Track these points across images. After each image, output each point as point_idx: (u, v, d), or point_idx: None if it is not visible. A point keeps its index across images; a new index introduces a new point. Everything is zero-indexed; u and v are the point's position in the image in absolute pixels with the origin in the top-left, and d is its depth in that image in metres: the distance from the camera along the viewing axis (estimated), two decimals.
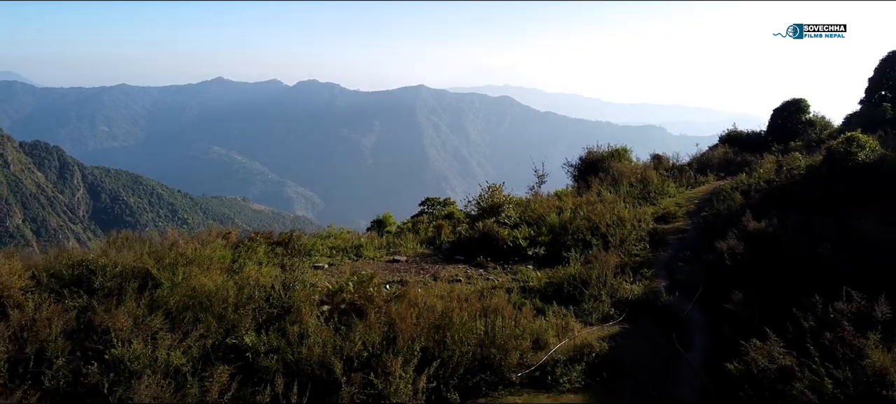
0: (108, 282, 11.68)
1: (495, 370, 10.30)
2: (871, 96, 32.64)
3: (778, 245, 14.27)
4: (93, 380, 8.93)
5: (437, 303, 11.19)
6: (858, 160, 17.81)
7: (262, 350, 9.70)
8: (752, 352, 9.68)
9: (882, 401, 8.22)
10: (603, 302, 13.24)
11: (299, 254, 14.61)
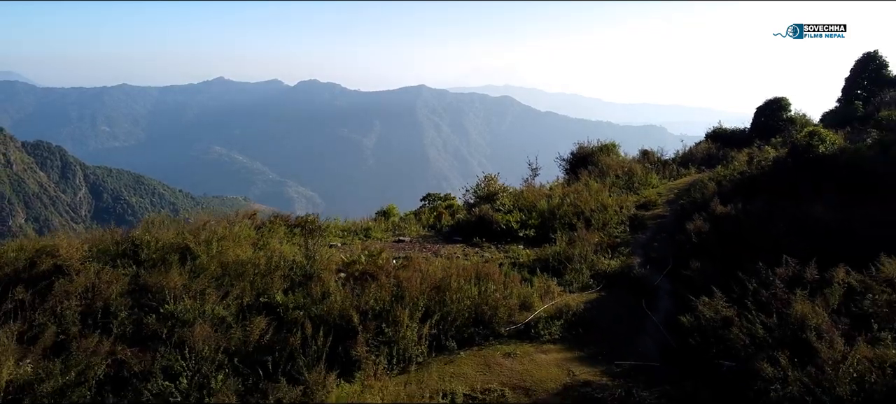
0: (153, 255, 13.57)
1: (487, 325, 12.18)
2: (848, 95, 34.54)
3: (739, 226, 16.15)
4: (152, 328, 10.79)
5: (438, 270, 13.07)
6: (819, 152, 19.67)
7: (291, 306, 11.57)
8: (701, 307, 11.58)
9: (800, 341, 10.09)
10: (583, 273, 15.12)
11: (315, 234, 16.48)
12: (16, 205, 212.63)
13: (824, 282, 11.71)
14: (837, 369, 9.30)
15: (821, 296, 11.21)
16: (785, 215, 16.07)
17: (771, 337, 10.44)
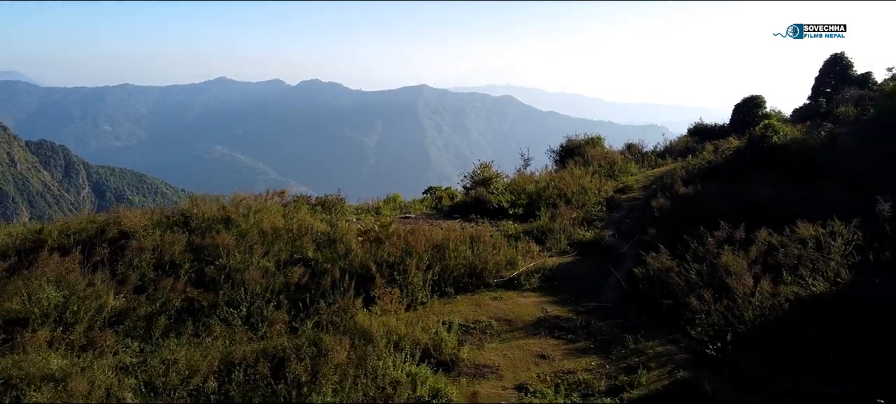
0: (202, 224, 16.42)
1: (479, 277, 15.04)
2: (817, 93, 37.33)
3: (695, 203, 18.98)
4: (212, 275, 13.64)
5: (439, 235, 15.94)
6: (773, 142, 22.49)
7: (321, 260, 14.42)
8: (650, 260, 14.43)
9: (722, 284, 12.93)
10: (561, 241, 17.97)
11: (335, 209, 19.30)
12: (20, 204, 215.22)
13: (749, 242, 14.54)
14: (747, 301, 12.16)
15: (744, 251, 14.05)
16: (734, 194, 18.89)
17: (701, 281, 13.31)
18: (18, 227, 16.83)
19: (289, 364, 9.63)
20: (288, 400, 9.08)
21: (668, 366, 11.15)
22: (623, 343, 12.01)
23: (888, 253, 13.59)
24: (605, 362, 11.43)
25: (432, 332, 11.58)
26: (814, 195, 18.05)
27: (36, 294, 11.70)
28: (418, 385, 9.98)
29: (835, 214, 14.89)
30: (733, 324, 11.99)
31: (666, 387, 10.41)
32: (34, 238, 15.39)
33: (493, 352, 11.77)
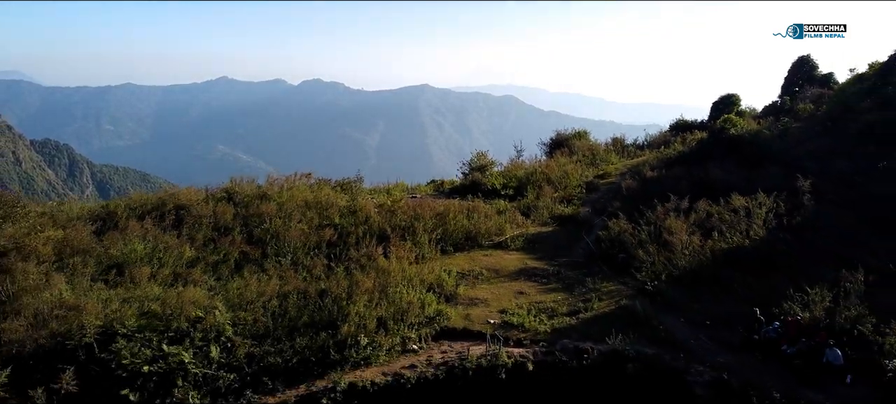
0: (243, 199, 19.85)
1: (473, 240, 18.53)
2: (786, 91, 40.65)
3: (658, 183, 22.40)
4: (259, 235, 17.10)
5: (441, 207, 19.41)
6: (730, 134, 25.90)
7: (346, 224, 17.88)
8: (611, 225, 17.92)
9: (665, 241, 16.39)
10: (544, 215, 21.44)
11: (353, 190, 22.74)
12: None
13: (692, 210, 18.01)
14: (681, 252, 15.66)
15: (686, 217, 17.53)
16: (691, 177, 22.35)
17: (648, 239, 16.81)
18: (94, 203, 20.26)
19: (330, 289, 13.11)
20: (331, 311, 12.55)
21: (615, 298, 14.63)
22: (584, 284, 15.49)
23: (798, 217, 17.07)
24: (569, 296, 14.90)
25: (436, 275, 15.08)
26: (757, 176, 21.43)
27: (128, 245, 15.19)
28: (426, 306, 13.47)
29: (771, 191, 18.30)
30: (669, 269, 15.51)
31: (611, 310, 13.90)
32: (106, 210, 18.86)
33: (483, 290, 15.25)
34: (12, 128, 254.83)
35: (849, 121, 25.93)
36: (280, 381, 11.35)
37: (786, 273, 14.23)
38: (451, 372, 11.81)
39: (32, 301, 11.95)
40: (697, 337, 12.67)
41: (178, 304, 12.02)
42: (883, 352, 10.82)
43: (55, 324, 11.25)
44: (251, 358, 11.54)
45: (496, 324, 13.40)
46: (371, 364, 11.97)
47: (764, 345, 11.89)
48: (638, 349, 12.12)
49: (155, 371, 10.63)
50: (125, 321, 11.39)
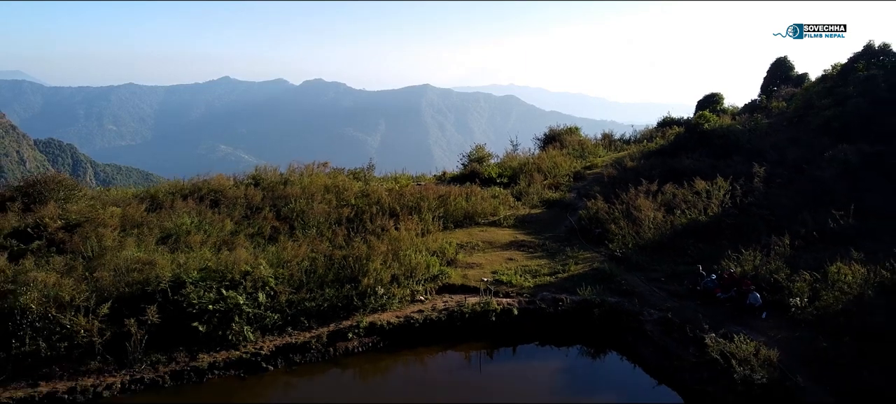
0: (269, 184, 22.65)
1: (472, 218, 21.34)
2: (764, 90, 43.37)
3: (636, 172, 25.20)
4: (286, 213, 19.87)
5: (443, 190, 22.22)
6: (704, 128, 28.68)
7: (361, 204, 20.69)
8: (590, 205, 20.72)
9: (635, 217, 19.19)
10: (534, 199, 24.23)
11: (365, 177, 25.55)
12: None
13: (660, 192, 20.81)
14: (647, 226, 18.46)
15: (653, 197, 20.34)
16: (664, 165, 25.17)
17: (620, 216, 19.60)
18: (140, 188, 23.06)
19: (351, 253, 15.92)
20: (353, 268, 15.37)
21: (589, 263, 17.44)
22: (564, 253, 18.30)
23: (750, 197, 19.88)
24: (551, 262, 17.72)
25: (439, 244, 17.90)
26: (723, 165, 24.21)
27: (178, 219, 18.03)
28: (430, 267, 16.28)
29: (733, 177, 21.10)
30: (636, 240, 18.34)
31: (584, 271, 16.71)
32: (148, 194, 21.63)
33: (479, 257, 18.07)
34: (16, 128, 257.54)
35: (810, 116, 28.80)
36: (314, 321, 14.17)
37: (731, 240, 17.03)
38: (452, 315, 14.63)
39: (113, 258, 14.78)
40: (652, 290, 15.48)
41: (229, 262, 14.82)
42: (791, 294, 13.61)
43: (136, 274, 14.08)
44: (291, 304, 14.35)
45: (489, 281, 16.20)
46: (386, 309, 14.78)
47: (703, 293, 14.70)
48: (603, 298, 14.94)
49: (217, 309, 13.44)
50: (189, 273, 14.20)
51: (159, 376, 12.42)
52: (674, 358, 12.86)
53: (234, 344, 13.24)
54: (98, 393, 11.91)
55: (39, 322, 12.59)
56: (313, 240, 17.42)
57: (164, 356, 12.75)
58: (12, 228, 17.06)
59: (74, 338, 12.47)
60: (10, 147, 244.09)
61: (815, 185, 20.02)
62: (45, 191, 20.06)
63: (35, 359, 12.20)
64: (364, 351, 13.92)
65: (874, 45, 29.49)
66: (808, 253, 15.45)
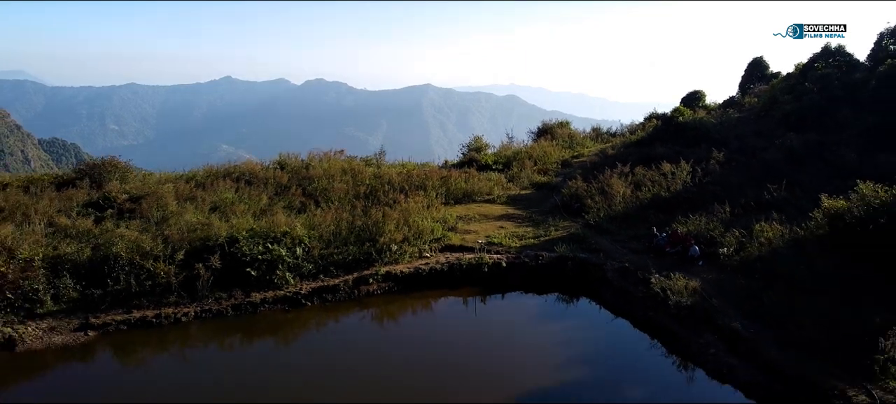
0: (292, 168, 26.05)
1: (469, 196, 24.78)
2: (742, 88, 46.71)
3: (614, 158, 28.58)
4: (310, 191, 23.32)
5: (444, 173, 25.66)
6: (678, 121, 32.09)
7: (375, 184, 24.11)
8: (571, 184, 24.14)
9: (608, 193, 22.61)
10: (524, 182, 27.66)
11: (377, 163, 28.98)
12: None
13: (632, 174, 24.21)
14: (618, 200, 21.88)
15: (626, 178, 23.76)
16: (640, 153, 28.54)
17: (596, 192, 23.01)
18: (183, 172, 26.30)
19: (369, 219, 19.33)
20: (371, 231, 18.78)
21: (567, 229, 20.85)
22: (547, 222, 21.71)
23: (707, 177, 23.27)
24: (535, 229, 21.14)
25: (441, 215, 21.34)
26: (691, 152, 27.57)
27: (222, 194, 21.45)
28: (435, 231, 19.72)
29: (696, 161, 24.48)
30: (608, 211, 21.76)
31: (562, 236, 20.11)
32: (188, 176, 25.00)
33: (475, 225, 21.50)
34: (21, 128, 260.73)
35: (774, 110, 32.21)
36: (341, 270, 17.59)
37: (685, 210, 20.41)
38: (452, 267, 18.05)
39: (177, 221, 18.22)
40: (616, 248, 18.90)
41: (271, 224, 18.22)
42: (722, 246, 17.05)
43: (198, 232, 17.50)
44: (322, 257, 17.75)
45: (483, 243, 19.61)
46: (399, 262, 18.19)
47: (655, 249, 18.12)
48: (575, 254, 18.36)
49: (264, 259, 16.83)
50: (240, 232, 17.60)
51: (223, 308, 15.85)
52: (628, 296, 16.28)
53: (279, 286, 16.67)
54: (178, 318, 15.33)
55: (127, 266, 16.00)
56: (336, 210, 20.81)
57: (225, 293, 16.19)
58: (86, 201, 20.50)
59: (156, 279, 15.88)
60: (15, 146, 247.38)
61: (763, 167, 23.38)
62: (103, 172, 23.48)
63: (126, 294, 15.61)
64: (382, 293, 17.36)
65: (831, 47, 32.85)
66: (744, 217, 18.82)
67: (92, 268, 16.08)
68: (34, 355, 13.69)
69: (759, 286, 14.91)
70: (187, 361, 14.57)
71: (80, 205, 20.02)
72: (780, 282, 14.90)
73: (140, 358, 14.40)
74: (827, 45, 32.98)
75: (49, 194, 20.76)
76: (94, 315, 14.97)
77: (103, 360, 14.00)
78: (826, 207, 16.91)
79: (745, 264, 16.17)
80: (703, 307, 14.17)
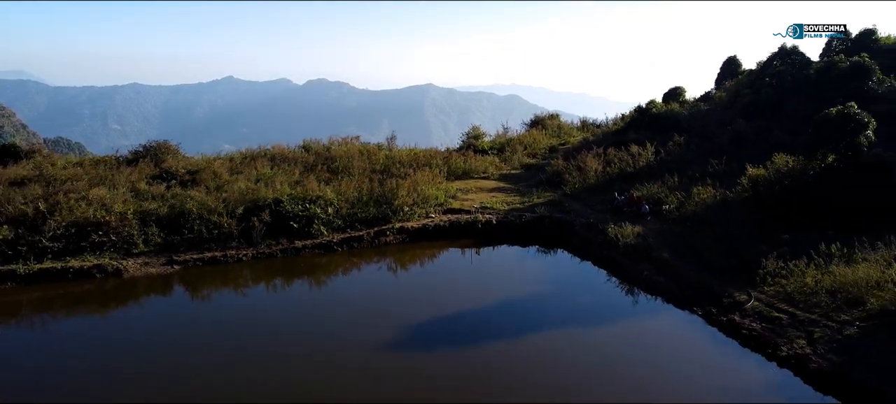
0: (316, 151, 30.47)
1: (468, 174, 29.30)
2: (717, 84, 51.04)
3: (593, 143, 33.00)
4: (334, 167, 27.77)
5: (447, 154, 30.12)
6: (652, 112, 36.48)
7: (387, 163, 28.55)
8: (553, 162, 28.60)
9: (584, 170, 27.05)
10: (515, 163, 32.09)
11: (389, 146, 33.39)
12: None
13: (604, 154, 28.64)
14: (591, 175, 26.36)
15: (599, 158, 28.19)
16: (616, 139, 32.96)
17: (573, 169, 27.46)
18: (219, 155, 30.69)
19: (385, 186, 23.75)
20: (387, 196, 23.21)
21: (548, 198, 25.29)
22: (532, 193, 26.16)
23: (669, 157, 27.69)
24: (522, 198, 25.59)
25: (444, 187, 25.79)
26: (658, 138, 31.96)
27: (261, 170, 25.87)
28: (439, 198, 24.18)
29: (659, 143, 28.89)
30: (582, 183, 26.20)
31: (543, 202, 24.56)
32: (229, 157, 29.40)
33: (472, 195, 25.95)
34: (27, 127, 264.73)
35: (737, 102, 36.55)
36: (363, 225, 22.01)
37: (644, 180, 24.82)
38: (452, 224, 22.50)
39: (232, 188, 22.65)
40: (585, 210, 23.35)
41: (306, 190, 22.64)
42: (665, 203, 21.49)
43: (250, 195, 21.93)
44: (348, 215, 22.19)
45: (478, 207, 24.05)
46: (410, 220, 22.62)
47: (616, 209, 22.57)
48: (552, 214, 22.81)
49: (303, 215, 21.26)
50: (283, 195, 22.03)
51: (273, 251, 20.29)
52: (591, 243, 20.73)
53: (315, 236, 21.11)
54: (239, 258, 19.77)
55: (198, 220, 20.44)
56: (358, 180, 25.23)
57: (274, 241, 20.62)
58: (152, 174, 24.94)
59: (221, 229, 20.31)
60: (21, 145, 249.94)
61: (713, 147, 27.78)
62: (159, 152, 27.89)
63: (199, 240, 20.05)
64: (397, 243, 21.81)
65: (787, 47, 37.22)
66: (688, 184, 23.24)
67: (170, 220, 20.54)
68: (136, 280, 18.16)
69: (690, 232, 19.33)
70: (248, 286, 18.96)
71: (148, 178, 24.45)
72: (707, 229, 19.30)
73: (212, 285, 18.82)
74: (783, 46, 37.34)
75: (122, 169, 25.18)
76: (175, 254, 19.42)
77: (185, 284, 18.44)
78: (750, 175, 21.34)
79: (683, 217, 20.60)
80: (643, 245, 18.62)
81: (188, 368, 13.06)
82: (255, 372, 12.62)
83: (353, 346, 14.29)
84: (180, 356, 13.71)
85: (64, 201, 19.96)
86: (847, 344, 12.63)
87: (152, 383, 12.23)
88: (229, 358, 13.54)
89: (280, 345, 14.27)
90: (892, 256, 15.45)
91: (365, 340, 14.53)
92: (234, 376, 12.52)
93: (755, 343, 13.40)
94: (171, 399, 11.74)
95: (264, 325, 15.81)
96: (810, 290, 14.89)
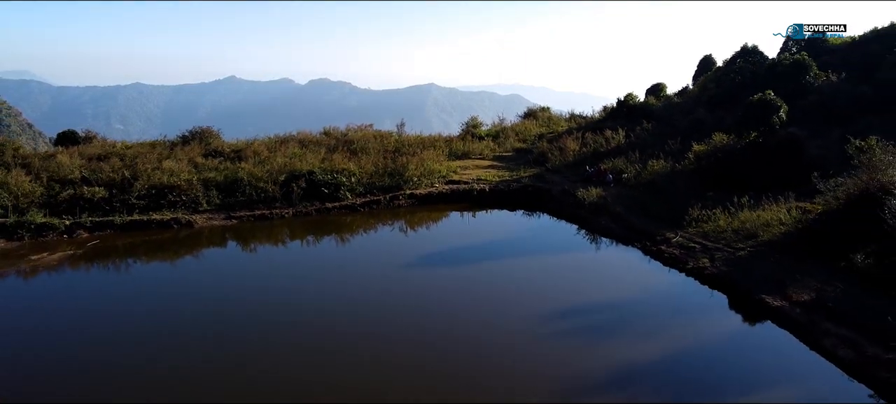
0: (335, 135, 35.48)
1: (467, 155, 34.39)
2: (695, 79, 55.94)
3: (575, 130, 37.96)
4: (352, 149, 32.78)
5: (448, 139, 35.14)
6: (629, 104, 41.45)
7: (398, 145, 33.53)
8: (539, 145, 33.60)
9: (565, 150, 32.03)
10: (508, 147, 37.08)
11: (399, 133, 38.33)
12: None
13: (583, 138, 33.60)
14: (571, 154, 31.41)
15: (578, 141, 33.17)
16: (596, 126, 37.93)
17: (556, 150, 32.46)
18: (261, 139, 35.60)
19: (397, 163, 28.75)
20: (400, 169, 28.22)
21: (533, 172, 30.26)
22: (520, 169, 31.14)
23: (637, 140, 32.63)
24: (511, 173, 30.59)
25: (446, 164, 30.79)
26: (631, 126, 36.93)
27: (293, 150, 30.84)
28: (442, 172, 29.18)
29: (629, 129, 33.86)
30: (562, 160, 31.19)
31: (529, 175, 29.56)
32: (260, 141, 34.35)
33: (469, 171, 30.96)
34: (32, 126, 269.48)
35: (703, 96, 41.52)
36: (380, 192, 27.00)
37: (612, 157, 29.80)
38: (453, 192, 27.52)
39: (273, 161, 27.63)
40: (562, 181, 28.34)
41: (332, 165, 27.62)
42: (625, 173, 26.49)
43: (288, 167, 26.90)
44: (368, 184, 27.19)
45: (474, 179, 29.03)
46: (418, 189, 27.59)
47: (587, 179, 27.58)
48: (535, 184, 27.79)
49: (332, 183, 26.25)
50: (315, 167, 27.00)
51: (308, 212, 25.28)
52: (564, 205, 25.71)
53: (342, 199, 26.09)
54: (281, 216, 24.75)
55: (248, 185, 25.44)
56: (375, 158, 30.19)
57: (309, 203, 25.60)
58: (204, 152, 29.90)
59: (267, 193, 25.30)
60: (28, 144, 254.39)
61: (675, 131, 32.75)
62: (204, 136, 32.88)
63: (249, 201, 25.03)
64: (407, 206, 26.81)
65: (748, 46, 42.16)
66: (647, 159, 28.20)
67: (226, 186, 25.54)
68: (203, 229, 23.15)
69: (642, 194, 24.34)
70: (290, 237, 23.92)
71: (202, 154, 29.42)
72: (656, 192, 24.31)
73: (262, 234, 23.79)
74: (745, 44, 42.28)
75: (176, 149, 30.13)
76: (232, 212, 24.42)
77: (241, 234, 23.41)
78: (694, 150, 26.32)
79: (639, 184, 25.60)
80: (603, 203, 23.65)
81: (254, 289, 18.15)
82: (304, 284, 17.67)
83: (376, 268, 19.38)
84: (243, 285, 18.80)
85: (142, 170, 25.00)
86: (736, 261, 17.62)
87: (226, 293, 17.30)
88: (284, 280, 18.62)
89: (321, 271, 19.36)
90: (785, 207, 20.42)
91: (386, 262, 19.68)
92: (289, 288, 17.57)
93: (673, 262, 18.44)
94: (240, 307, 16.79)
95: (307, 261, 20.82)
96: (721, 230, 19.88)
